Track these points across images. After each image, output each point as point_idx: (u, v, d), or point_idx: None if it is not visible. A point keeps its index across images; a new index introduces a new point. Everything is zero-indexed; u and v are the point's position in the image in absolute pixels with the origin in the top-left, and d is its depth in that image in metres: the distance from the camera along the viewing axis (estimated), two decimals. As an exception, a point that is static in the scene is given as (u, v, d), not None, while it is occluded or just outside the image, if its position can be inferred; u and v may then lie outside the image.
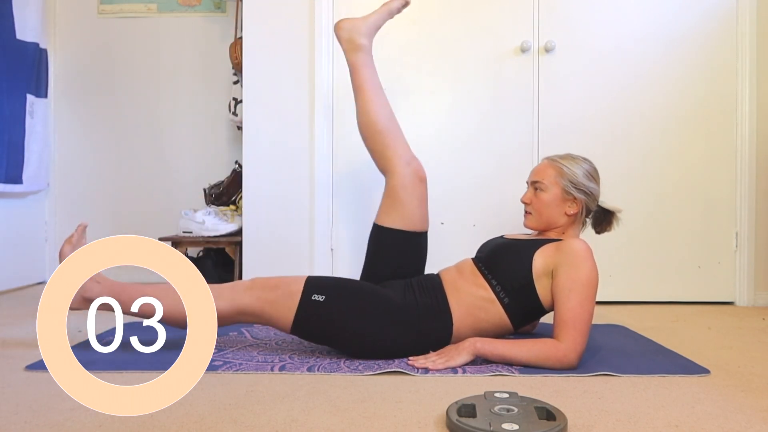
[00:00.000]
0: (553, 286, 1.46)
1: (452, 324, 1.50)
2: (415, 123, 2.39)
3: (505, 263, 1.53)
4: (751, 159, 2.35)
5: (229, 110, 2.80)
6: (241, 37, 2.57)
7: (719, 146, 2.38)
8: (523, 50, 2.35)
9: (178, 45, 3.02)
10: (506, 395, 1.12)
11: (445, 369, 1.38)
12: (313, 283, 1.50)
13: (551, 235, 1.63)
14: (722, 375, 1.37)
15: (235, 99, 2.76)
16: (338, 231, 2.42)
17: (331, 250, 2.41)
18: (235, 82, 2.77)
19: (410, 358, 1.45)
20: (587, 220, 1.70)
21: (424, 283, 1.57)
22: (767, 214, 2.36)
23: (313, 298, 1.47)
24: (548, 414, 1.03)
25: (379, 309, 1.48)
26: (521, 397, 1.12)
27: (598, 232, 1.74)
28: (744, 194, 2.36)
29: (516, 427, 0.97)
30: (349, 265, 2.41)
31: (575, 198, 1.60)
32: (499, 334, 1.54)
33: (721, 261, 2.38)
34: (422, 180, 1.73)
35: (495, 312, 1.51)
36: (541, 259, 1.49)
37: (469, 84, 2.39)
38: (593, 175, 1.64)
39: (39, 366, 1.42)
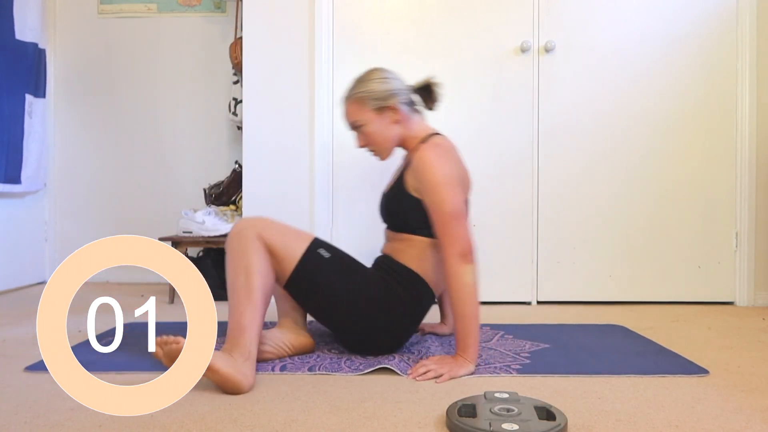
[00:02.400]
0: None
1: (423, 279, 1.52)
2: (415, 123, 2.39)
3: (398, 213, 1.58)
4: (751, 159, 2.35)
5: (229, 110, 2.80)
6: (241, 37, 2.57)
7: (719, 146, 2.38)
8: (523, 50, 2.35)
9: (178, 45, 3.02)
10: (506, 395, 1.12)
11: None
12: (321, 242, 1.54)
13: (408, 147, 1.63)
14: (722, 375, 1.37)
15: (235, 99, 2.76)
16: (338, 231, 2.42)
17: (331, 250, 2.41)
18: (235, 82, 2.77)
19: (410, 371, 1.41)
20: (416, 107, 1.67)
21: (382, 265, 1.58)
22: (767, 214, 2.36)
23: (319, 251, 1.50)
24: (548, 414, 1.03)
25: (371, 282, 1.50)
26: (521, 397, 1.12)
27: (431, 108, 1.71)
28: (744, 194, 2.36)
29: (516, 427, 0.97)
30: (349, 265, 2.41)
31: (388, 106, 1.59)
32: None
33: (721, 261, 2.38)
34: None
35: (430, 246, 1.54)
36: (411, 188, 1.53)
37: (469, 84, 2.39)
38: (383, 77, 1.60)
39: (39, 366, 1.42)
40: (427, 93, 1.68)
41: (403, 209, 1.56)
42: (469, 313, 1.39)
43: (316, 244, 1.51)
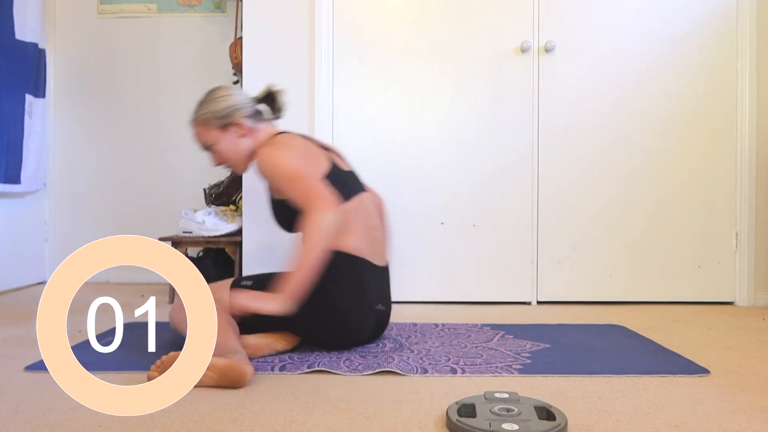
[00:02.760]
0: None
1: (338, 251, 1.53)
2: (415, 123, 2.40)
3: (283, 218, 1.64)
4: (751, 159, 2.35)
5: (229, 110, 2.80)
6: (241, 37, 2.57)
7: (719, 146, 2.38)
8: (523, 50, 2.35)
9: (178, 45, 3.02)
10: (506, 395, 1.12)
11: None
12: (241, 278, 1.62)
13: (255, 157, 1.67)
14: (722, 375, 1.37)
15: (235, 99, 2.76)
16: (338, 231, 2.42)
17: (331, 250, 2.41)
18: (235, 82, 2.77)
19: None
20: (261, 118, 1.70)
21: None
22: (767, 214, 2.36)
23: (241, 284, 1.57)
24: (548, 414, 1.03)
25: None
26: (521, 397, 1.12)
27: (278, 116, 1.76)
28: (744, 194, 2.36)
29: (516, 427, 0.97)
30: (349, 265, 2.41)
31: (232, 123, 1.63)
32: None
33: (721, 261, 2.38)
34: None
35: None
36: (275, 193, 1.60)
37: (469, 84, 2.39)
38: (223, 95, 1.65)
39: (39, 366, 1.42)
40: (271, 101, 1.73)
41: (286, 214, 1.60)
42: (308, 250, 1.37)
43: (237, 282, 1.58)
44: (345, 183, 1.62)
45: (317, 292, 1.50)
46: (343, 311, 1.53)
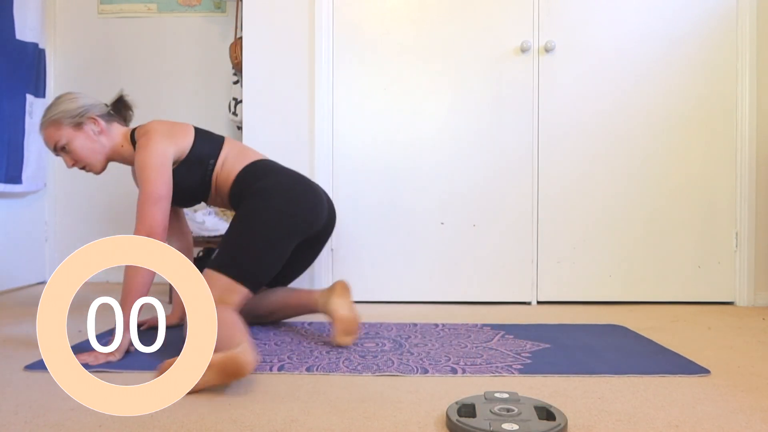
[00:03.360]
0: None
1: (254, 162, 1.80)
2: (415, 123, 2.40)
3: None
4: (751, 159, 2.35)
5: (229, 110, 2.80)
6: (241, 37, 2.57)
7: (719, 146, 2.38)
8: (523, 50, 2.35)
9: (178, 45, 3.02)
10: (506, 395, 1.12)
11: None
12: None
13: (122, 155, 1.74)
14: (722, 375, 1.37)
15: (235, 99, 2.76)
16: (338, 231, 2.42)
17: (331, 250, 2.41)
18: (235, 82, 2.77)
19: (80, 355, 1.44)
20: (113, 118, 1.74)
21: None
22: (767, 214, 2.36)
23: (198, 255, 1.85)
24: (548, 414, 1.03)
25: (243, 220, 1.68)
26: (521, 397, 1.12)
27: (127, 119, 1.81)
28: (744, 194, 2.36)
29: (516, 427, 0.97)
30: (349, 264, 2.41)
31: (88, 119, 1.67)
32: None
33: (721, 261, 2.38)
34: None
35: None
36: None
37: (469, 84, 2.39)
38: (72, 97, 1.68)
39: (39, 366, 1.42)
40: (121, 106, 1.78)
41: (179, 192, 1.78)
42: (135, 289, 1.48)
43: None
44: (211, 137, 1.78)
45: (256, 194, 1.65)
46: (280, 189, 1.66)
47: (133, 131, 1.72)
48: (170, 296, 2.42)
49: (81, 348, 1.59)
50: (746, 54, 2.34)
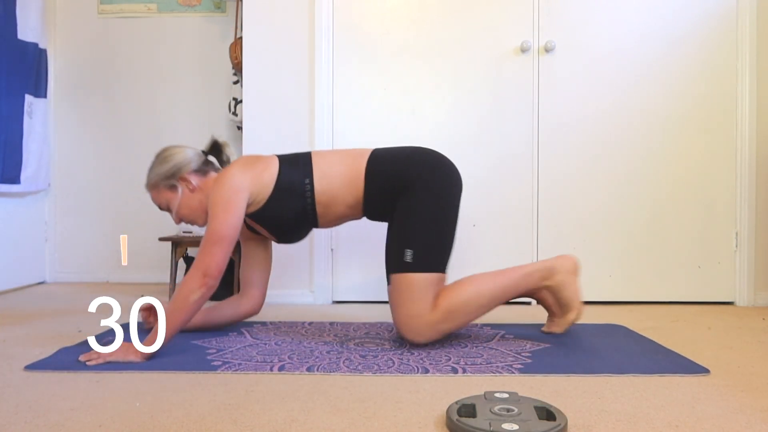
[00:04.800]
0: None
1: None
2: (415, 123, 2.40)
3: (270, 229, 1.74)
4: (751, 159, 2.35)
5: (229, 110, 2.80)
6: (241, 37, 2.57)
7: (719, 146, 2.38)
8: (523, 50, 2.35)
9: (178, 45, 3.02)
10: (506, 395, 1.12)
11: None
12: None
13: None
14: (722, 375, 1.37)
15: (235, 99, 2.76)
16: (338, 231, 2.42)
17: (331, 250, 2.41)
18: (235, 82, 2.77)
19: (82, 357, 1.46)
20: (211, 168, 1.73)
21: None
22: (767, 214, 2.36)
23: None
24: (548, 414, 1.03)
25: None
26: (521, 397, 1.12)
27: (224, 163, 1.79)
28: (744, 194, 2.36)
29: (516, 427, 0.97)
30: (349, 264, 2.41)
31: (180, 180, 1.67)
32: None
33: (721, 261, 2.38)
34: None
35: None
36: None
37: (469, 84, 2.39)
38: (166, 155, 1.68)
39: (39, 366, 1.42)
40: (217, 152, 1.77)
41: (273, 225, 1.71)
42: (175, 319, 1.48)
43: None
44: (297, 158, 1.69)
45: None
46: (434, 173, 1.63)
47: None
48: (170, 296, 2.42)
49: (81, 348, 1.59)
50: (746, 54, 2.34)
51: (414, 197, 1.59)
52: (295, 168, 1.64)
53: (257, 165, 1.61)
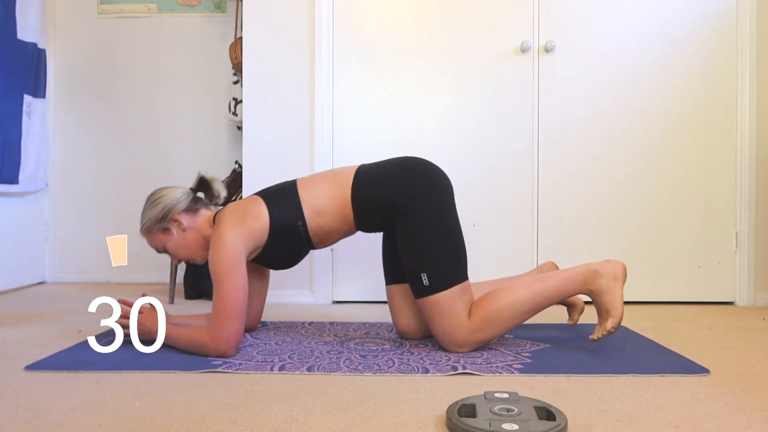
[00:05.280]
0: None
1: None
2: (415, 123, 2.40)
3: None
4: (751, 159, 2.35)
5: (229, 110, 2.80)
6: (241, 37, 2.57)
7: (719, 146, 2.38)
8: (523, 50, 2.35)
9: (178, 45, 3.02)
10: (506, 395, 1.12)
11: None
12: None
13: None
14: (722, 375, 1.37)
15: (235, 99, 2.76)
16: (338, 231, 2.42)
17: (332, 250, 2.41)
18: (235, 82, 2.77)
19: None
20: (199, 204, 1.70)
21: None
22: (767, 214, 2.36)
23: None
24: (548, 414, 1.03)
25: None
26: (521, 397, 1.12)
27: (216, 202, 1.76)
28: (744, 194, 2.36)
29: (516, 427, 0.97)
30: (349, 264, 2.41)
31: (171, 222, 1.65)
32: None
33: (721, 261, 2.38)
34: None
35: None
36: None
37: (469, 84, 2.39)
38: (154, 199, 1.66)
39: (39, 366, 1.42)
40: (206, 188, 1.74)
41: (272, 260, 1.71)
42: (176, 342, 1.55)
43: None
44: (282, 195, 1.65)
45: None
46: (424, 185, 1.62)
47: (215, 216, 1.68)
48: (171, 296, 2.42)
49: (81, 348, 1.59)
50: (746, 54, 2.34)
51: (411, 220, 1.57)
52: (285, 209, 1.61)
53: (247, 220, 1.57)
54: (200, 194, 1.74)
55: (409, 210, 1.58)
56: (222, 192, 1.75)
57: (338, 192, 1.63)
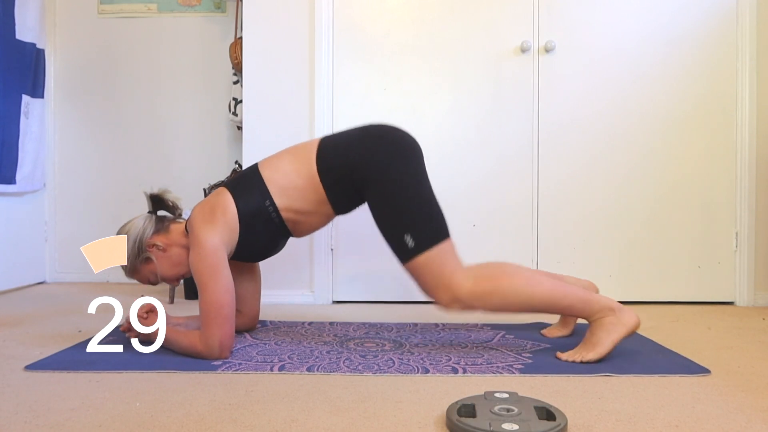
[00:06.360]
0: None
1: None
2: (415, 123, 2.40)
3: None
4: (751, 159, 2.35)
5: (229, 110, 2.80)
6: (241, 37, 2.57)
7: (719, 146, 2.38)
8: (523, 50, 2.35)
9: (178, 45, 3.02)
10: (506, 395, 1.12)
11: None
12: None
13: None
14: (722, 375, 1.37)
15: (235, 99, 2.76)
16: (338, 231, 2.42)
17: (331, 249, 2.41)
18: (235, 82, 2.77)
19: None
20: (165, 220, 1.69)
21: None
22: (767, 214, 2.36)
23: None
24: (548, 414, 1.03)
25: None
26: (521, 397, 1.12)
27: (178, 214, 1.74)
28: (744, 194, 2.36)
29: (516, 427, 0.97)
30: (349, 264, 2.41)
31: (148, 249, 1.63)
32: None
33: (721, 261, 2.38)
34: None
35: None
36: None
37: (469, 84, 2.39)
38: (125, 238, 1.62)
39: (39, 366, 1.42)
40: (161, 204, 1.70)
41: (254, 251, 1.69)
42: (174, 345, 1.54)
43: None
44: (246, 180, 1.62)
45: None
46: (387, 150, 1.57)
47: (186, 224, 1.66)
48: (171, 296, 2.42)
49: (81, 348, 1.59)
50: (746, 54, 2.34)
51: (381, 185, 1.53)
52: (250, 193, 1.57)
53: (216, 213, 1.53)
54: (161, 213, 1.71)
55: (378, 177, 1.53)
56: (178, 201, 1.72)
57: (303, 166, 1.58)
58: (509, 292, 1.46)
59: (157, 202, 1.69)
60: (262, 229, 1.59)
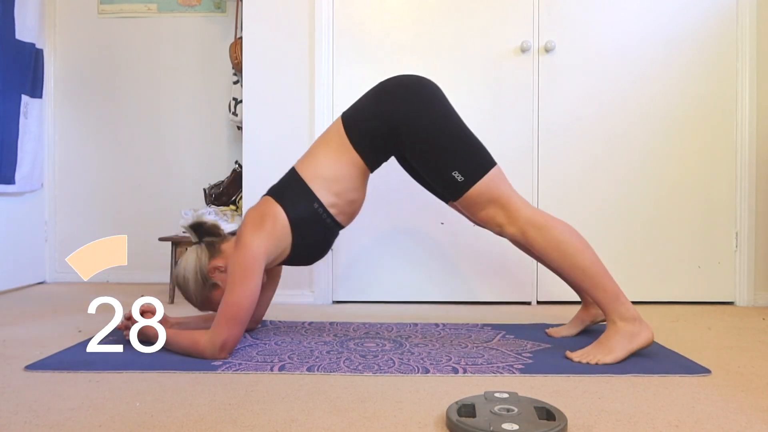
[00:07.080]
0: None
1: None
2: (415, 123, 2.39)
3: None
4: (751, 159, 2.35)
5: (229, 110, 2.80)
6: (241, 37, 2.57)
7: (719, 146, 2.38)
8: (523, 50, 2.35)
9: (178, 45, 3.02)
10: (506, 395, 1.12)
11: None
12: None
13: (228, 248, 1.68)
14: (722, 375, 1.37)
15: (235, 99, 2.76)
16: (338, 231, 2.42)
17: (332, 250, 2.41)
18: (235, 82, 2.77)
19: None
20: (214, 243, 1.68)
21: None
22: (767, 214, 2.36)
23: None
24: (548, 414, 1.03)
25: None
26: (521, 397, 1.12)
27: (220, 234, 1.73)
28: (744, 194, 2.36)
29: (516, 427, 0.97)
30: (349, 264, 2.41)
31: (211, 275, 1.62)
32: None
33: (721, 261, 2.38)
34: None
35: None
36: None
37: (469, 84, 2.39)
38: (185, 280, 1.64)
39: (39, 366, 1.42)
40: (204, 232, 1.69)
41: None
42: (174, 347, 1.53)
43: None
44: (290, 185, 1.62)
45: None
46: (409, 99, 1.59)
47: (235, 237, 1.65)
48: (171, 296, 2.42)
49: (81, 348, 1.59)
50: (746, 54, 2.34)
51: (415, 134, 1.55)
52: (297, 199, 1.58)
53: (266, 222, 1.54)
54: (206, 238, 1.68)
55: (410, 126, 1.55)
56: (215, 220, 1.73)
57: (337, 149, 1.61)
58: (562, 238, 1.50)
59: (198, 228, 1.68)
60: (316, 232, 1.62)
